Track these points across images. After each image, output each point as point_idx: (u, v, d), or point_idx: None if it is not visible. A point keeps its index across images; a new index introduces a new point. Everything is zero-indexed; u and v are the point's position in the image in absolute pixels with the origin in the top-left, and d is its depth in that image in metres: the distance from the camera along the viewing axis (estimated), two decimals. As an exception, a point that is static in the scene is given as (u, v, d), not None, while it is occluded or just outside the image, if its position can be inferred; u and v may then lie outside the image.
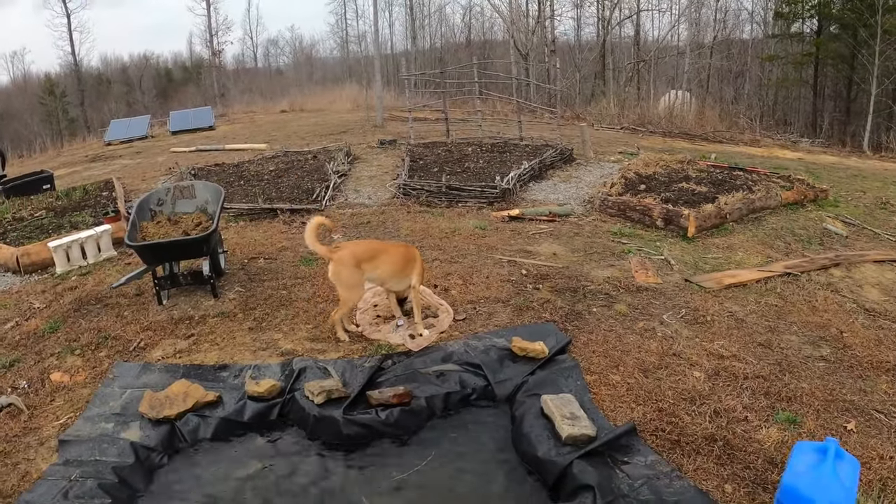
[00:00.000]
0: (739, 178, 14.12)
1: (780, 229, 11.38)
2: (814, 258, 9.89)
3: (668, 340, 7.21)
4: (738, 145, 24.71)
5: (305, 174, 15.21)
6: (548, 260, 9.70)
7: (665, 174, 14.33)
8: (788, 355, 7.05)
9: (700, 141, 25.03)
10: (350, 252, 7.21)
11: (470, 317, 7.84)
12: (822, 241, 11.18)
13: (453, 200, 12.91)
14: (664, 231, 11.12)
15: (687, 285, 8.76)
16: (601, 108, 32.85)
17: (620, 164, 16.34)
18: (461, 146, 18.04)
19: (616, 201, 12.04)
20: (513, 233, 11.03)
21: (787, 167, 18.05)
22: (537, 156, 15.73)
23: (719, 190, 12.70)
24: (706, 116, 30.33)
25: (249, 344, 7.49)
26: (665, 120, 29.10)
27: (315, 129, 24.29)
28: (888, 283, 9.50)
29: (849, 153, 25.92)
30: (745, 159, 19.28)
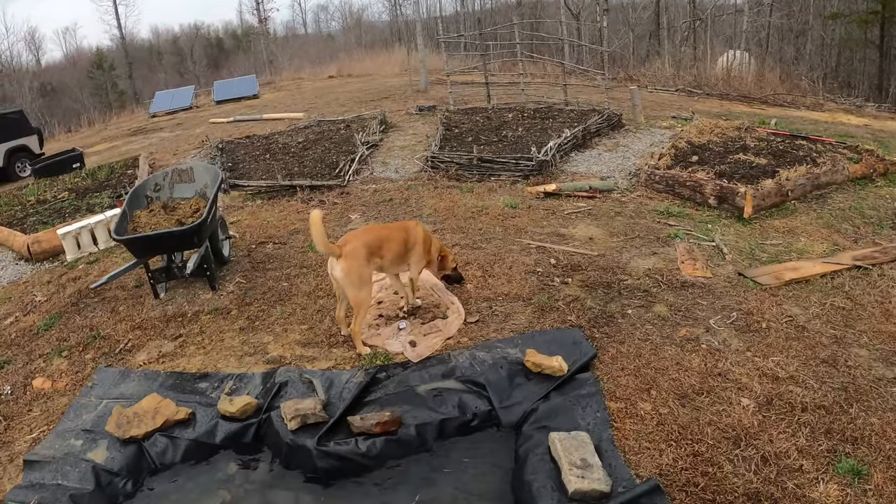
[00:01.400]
0: (802, 147, 12.44)
1: (847, 209, 9.78)
2: (887, 247, 8.33)
3: (714, 355, 5.84)
4: (800, 109, 22.73)
5: (333, 146, 13.97)
6: (582, 246, 8.32)
7: (720, 143, 12.73)
8: (856, 377, 5.64)
9: (759, 104, 23.08)
10: (362, 244, 6.01)
11: (484, 318, 6.57)
12: (894, 222, 9.61)
13: (485, 174, 11.51)
14: (717, 211, 9.61)
15: (740, 280, 7.31)
16: (655, 70, 30.81)
17: (673, 131, 14.72)
18: (502, 112, 16.53)
19: (664, 175, 10.52)
20: (546, 212, 9.65)
21: (852, 135, 16.22)
22: (582, 122, 14.17)
23: (780, 162, 11.10)
24: (765, 78, 28.15)
25: (237, 348, 6.45)
26: (722, 82, 27.06)
27: (358, 96, 22.97)
28: (972, 279, 7.96)
29: (919, 119, 23.70)
30: (807, 125, 17.45)
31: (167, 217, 7.63)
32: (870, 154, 12.15)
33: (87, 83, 63.17)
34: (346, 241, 5.99)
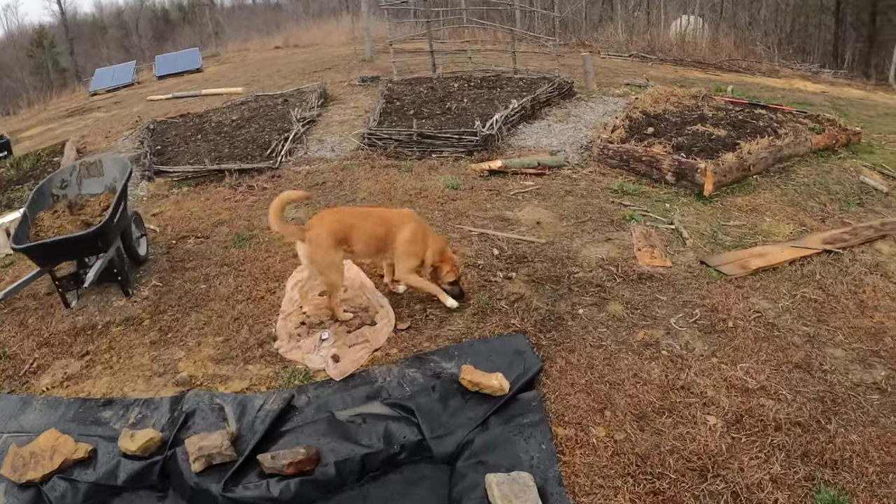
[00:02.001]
0: (762, 117, 11.78)
1: (812, 184, 9.16)
2: (856, 228, 7.72)
3: (676, 363, 5.14)
4: (756, 75, 22.20)
5: (268, 123, 12.89)
6: (529, 232, 7.55)
7: (677, 112, 12.03)
8: (833, 384, 5.00)
9: (714, 70, 22.48)
10: (326, 232, 5.47)
11: (416, 324, 5.78)
12: (862, 199, 8.98)
13: (426, 151, 10.60)
14: (675, 188, 8.91)
15: (703, 270, 6.62)
16: (608, 35, 29.95)
17: (627, 99, 13.98)
18: (447, 82, 15.57)
19: (618, 150, 9.76)
20: (491, 192, 8.84)
21: (811, 103, 15.69)
22: (531, 92, 13.34)
23: (740, 133, 10.43)
24: (720, 44, 27.53)
25: (146, 366, 5.61)
26: (676, 47, 26.38)
27: (302, 67, 21.73)
28: (947, 262, 7.37)
29: (874, 86, 23.29)
30: (764, 93, 16.88)
31: (72, 218, 6.68)
32: (831, 124, 11.59)
33: (28, 62, 60.29)
34: (311, 226, 5.57)
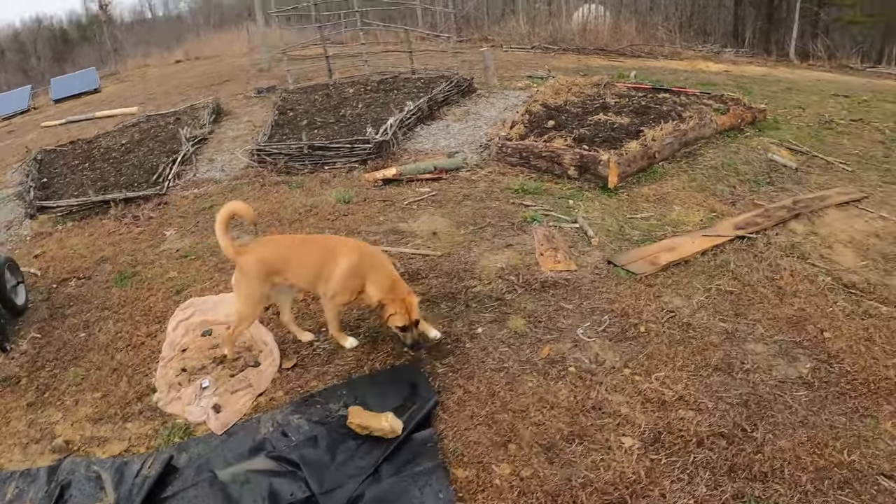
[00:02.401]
0: (666, 101, 11.63)
1: (720, 167, 8.98)
2: (768, 209, 7.52)
3: (586, 379, 4.76)
4: (659, 59, 22.36)
5: (158, 145, 12.10)
6: (424, 244, 7.09)
7: (578, 103, 11.76)
8: (757, 384, 4.71)
9: (617, 57, 22.54)
10: (257, 259, 5.00)
11: (303, 360, 5.26)
12: (772, 177, 8.85)
13: (318, 163, 10.06)
14: (579, 182, 8.59)
15: (611, 270, 6.28)
16: (510, 29, 29.93)
17: (529, 92, 13.71)
18: (343, 88, 15.05)
19: (517, 147, 9.39)
20: (385, 203, 8.35)
21: (715, 83, 15.72)
22: (428, 92, 12.90)
23: (644, 120, 10.20)
24: (622, 30, 27.78)
25: (23, 432, 4.95)
26: (578, 36, 26.48)
27: (200, 80, 20.81)
28: (860, 238, 7.23)
29: (775, 62, 23.75)
30: (667, 76, 16.87)
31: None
32: (736, 103, 11.52)
33: (-87, 95, 56.97)
34: (246, 250, 5.10)
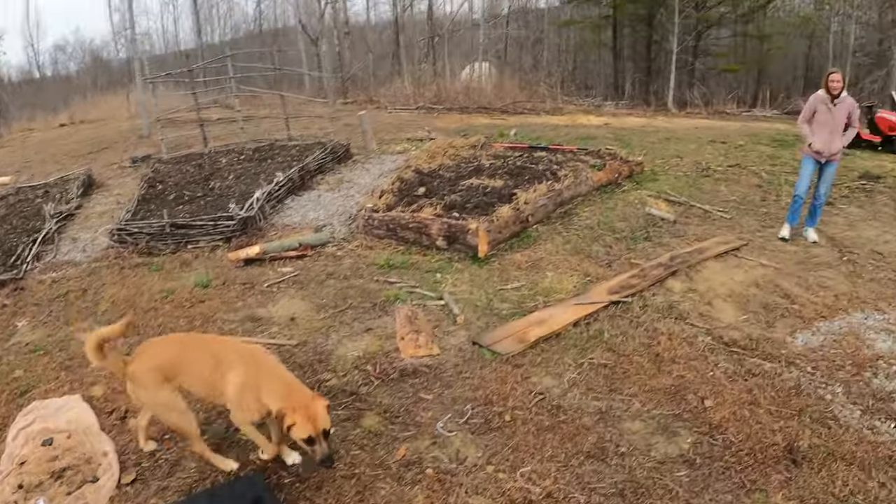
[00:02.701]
0: (542, 160, 11.51)
1: (596, 226, 8.80)
2: (645, 268, 7.30)
3: (444, 482, 4.27)
4: (541, 115, 22.56)
5: (22, 221, 11.16)
6: (281, 332, 6.54)
7: (453, 166, 11.53)
8: (634, 469, 4.32)
9: (500, 114, 22.67)
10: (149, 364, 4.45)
11: (143, 473, 4.60)
12: (649, 233, 8.71)
13: (181, 242, 9.45)
14: (448, 253, 8.23)
15: (476, 352, 5.86)
16: (395, 90, 30.06)
17: (407, 156, 13.44)
18: (217, 157, 14.49)
19: (384, 219, 9.00)
20: (244, 287, 7.78)
21: (594, 137, 15.82)
22: (303, 159, 12.45)
23: (518, 182, 10.01)
24: (505, 88, 28.14)
25: None
26: (462, 95, 26.63)
27: (80, 147, 19.68)
28: (741, 290, 7.08)
29: (654, 113, 24.32)
30: (548, 132, 16.93)
31: None
32: (613, 157, 11.49)
33: None
34: (133, 359, 4.55)
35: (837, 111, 8.50)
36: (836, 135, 8.58)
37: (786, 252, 8.45)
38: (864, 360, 5.77)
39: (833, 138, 8.59)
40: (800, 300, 6.93)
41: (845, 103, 8.52)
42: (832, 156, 8.72)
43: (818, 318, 6.58)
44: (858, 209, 10.79)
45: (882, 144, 16.97)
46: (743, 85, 34.89)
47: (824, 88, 8.61)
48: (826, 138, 8.60)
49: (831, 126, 8.55)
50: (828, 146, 8.61)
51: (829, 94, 8.50)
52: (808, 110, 8.80)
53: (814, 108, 8.69)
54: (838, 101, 8.48)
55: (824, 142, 8.61)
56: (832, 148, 8.64)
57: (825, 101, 8.56)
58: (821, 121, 8.61)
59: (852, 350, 5.96)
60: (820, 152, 8.68)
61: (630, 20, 35.73)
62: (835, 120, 8.52)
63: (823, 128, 8.60)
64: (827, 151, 8.65)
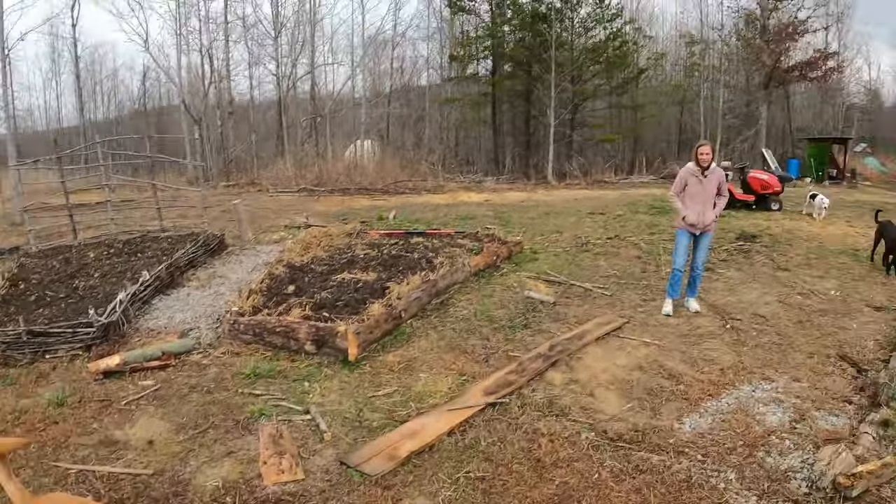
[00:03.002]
0: (418, 247, 11.29)
1: (473, 316, 8.53)
2: (523, 361, 7.02)
3: None
4: (422, 194, 22.55)
5: None
6: (136, 459, 5.89)
7: (326, 258, 11.15)
8: None
9: (381, 195, 22.54)
10: None
11: None
12: (528, 319, 8.49)
13: (38, 351, 8.60)
14: (318, 357, 7.74)
15: (344, 474, 5.38)
16: (277, 171, 29.65)
17: (283, 245, 12.99)
18: (86, 250, 13.57)
19: (249, 323, 8.48)
20: (102, 405, 7.05)
21: (473, 216, 15.77)
22: (173, 254, 11.78)
23: (392, 273, 9.71)
24: (387, 167, 28.15)
25: None
26: (344, 177, 26.44)
27: None
28: (624, 375, 6.89)
29: (535, 186, 24.69)
30: (428, 213, 16.82)
31: None
32: (491, 239, 11.37)
33: None
34: None
35: (708, 183, 8.67)
36: (708, 206, 8.74)
37: (668, 326, 8.41)
38: (756, 439, 5.64)
39: (706, 210, 8.74)
40: (685, 379, 6.78)
41: (715, 174, 8.71)
42: (706, 227, 8.85)
43: (705, 397, 6.43)
44: (738, 272, 10.94)
45: (756, 203, 17.59)
46: (620, 153, 36.11)
47: (694, 161, 8.74)
48: (699, 210, 8.74)
49: (703, 198, 8.70)
50: (701, 218, 8.75)
51: (700, 166, 8.66)
52: (679, 183, 8.93)
53: (685, 180, 8.83)
54: (708, 172, 8.66)
55: (697, 214, 8.74)
56: (705, 220, 8.78)
57: (696, 174, 8.71)
58: (692, 193, 8.75)
59: (742, 429, 5.82)
60: (694, 225, 8.79)
61: (508, 96, 36.70)
62: (706, 191, 8.68)
63: (695, 200, 8.74)
64: (701, 223, 8.79)
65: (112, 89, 55.16)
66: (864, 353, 7.76)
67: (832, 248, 12.95)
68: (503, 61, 36.94)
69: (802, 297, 9.77)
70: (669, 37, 43.38)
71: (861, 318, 9.00)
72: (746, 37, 34.77)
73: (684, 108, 39.35)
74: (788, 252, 12.37)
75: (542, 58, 32.12)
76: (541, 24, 32.99)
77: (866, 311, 9.34)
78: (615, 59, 34.70)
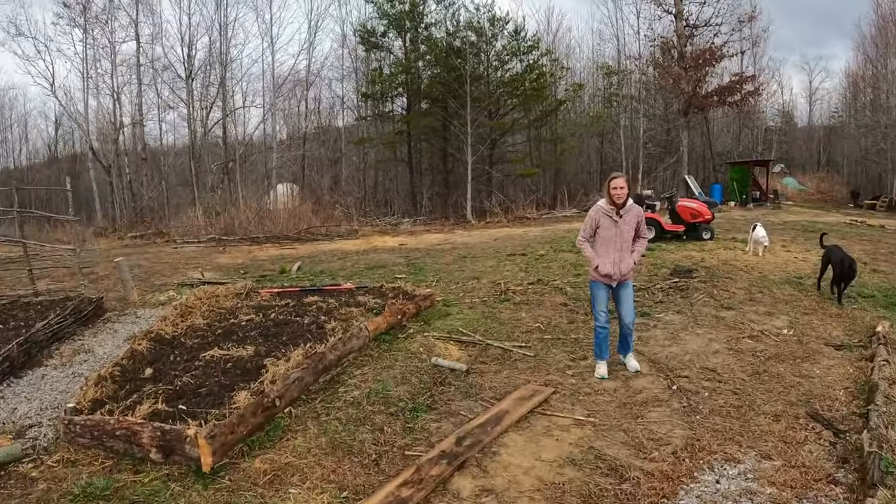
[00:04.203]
0: (311, 308, 9.65)
1: (365, 399, 6.87)
2: (422, 466, 5.41)
3: None
4: (334, 240, 21.06)
5: None
6: None
7: (203, 328, 9.40)
8: None
9: (291, 244, 20.94)
10: None
11: None
12: (435, 396, 6.91)
13: None
14: (167, 467, 5.98)
15: None
16: (186, 220, 27.80)
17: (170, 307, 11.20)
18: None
19: (86, 425, 6.67)
20: None
21: (384, 264, 14.26)
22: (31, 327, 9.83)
23: (274, 346, 8.05)
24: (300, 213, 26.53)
25: None
26: (255, 224, 24.75)
27: None
28: (551, 474, 5.34)
29: (453, 226, 23.35)
30: (335, 262, 15.29)
31: None
32: (397, 294, 9.84)
33: None
34: None
35: (624, 224, 7.22)
36: (625, 252, 7.28)
37: (604, 393, 6.91)
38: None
39: (622, 256, 7.27)
40: (631, 473, 5.26)
41: (632, 213, 7.25)
42: (624, 276, 7.38)
43: (658, 500, 4.90)
44: (677, 315, 9.64)
45: (686, 233, 16.41)
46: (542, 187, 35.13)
47: (607, 197, 7.25)
48: (614, 258, 7.27)
49: (619, 242, 7.24)
50: (617, 267, 7.28)
51: (614, 203, 7.18)
52: (588, 226, 7.41)
53: (596, 222, 7.33)
54: (624, 211, 7.20)
55: (613, 262, 7.27)
56: (623, 268, 7.30)
57: (609, 213, 7.23)
58: (606, 238, 7.27)
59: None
60: (610, 276, 7.32)
61: (424, 134, 35.55)
62: (622, 235, 7.23)
63: (610, 246, 7.27)
64: (617, 274, 7.31)
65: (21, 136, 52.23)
66: (835, 406, 6.49)
67: (774, 279, 11.78)
68: (419, 98, 35.77)
69: (753, 341, 8.49)
70: (587, 68, 43.15)
71: (822, 360, 7.77)
72: (664, 65, 34.41)
73: (604, 138, 38.87)
74: (729, 286, 11.13)
75: (458, 93, 30.97)
76: (455, 59, 31.95)
77: (826, 351, 8.13)
78: (532, 91, 33.95)
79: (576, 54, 44.35)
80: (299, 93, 41.28)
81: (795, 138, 50.71)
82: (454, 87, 31.28)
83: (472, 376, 7.33)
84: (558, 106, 36.80)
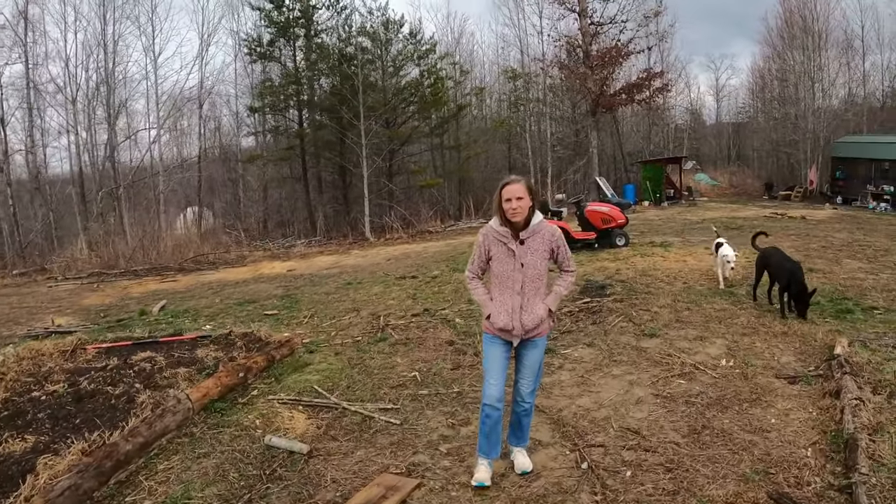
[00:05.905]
0: (130, 372, 7.61)
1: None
2: None
3: None
4: (219, 269, 19.11)
5: None
6: None
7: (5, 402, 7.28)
8: None
9: (174, 275, 18.79)
10: None
11: None
12: (255, 499, 4.92)
13: None
14: None
15: None
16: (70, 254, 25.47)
17: None
18: None
19: None
20: None
21: (256, 298, 12.32)
22: None
23: (63, 432, 6.04)
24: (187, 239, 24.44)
25: None
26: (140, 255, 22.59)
27: None
28: None
29: (350, 245, 21.48)
30: (205, 298, 13.33)
31: None
32: (247, 343, 7.92)
33: None
34: None
35: (528, 253, 4.70)
36: (531, 295, 4.74)
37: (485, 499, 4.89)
38: None
39: (527, 302, 4.74)
40: None
41: (541, 235, 4.74)
42: (531, 333, 4.81)
43: None
44: (588, 349, 7.92)
45: (598, 241, 14.82)
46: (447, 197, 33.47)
47: (497, 214, 4.74)
48: (512, 304, 4.74)
49: (520, 281, 4.71)
50: (518, 318, 4.73)
51: (508, 223, 4.71)
52: (477, 256, 4.89)
53: (487, 251, 4.82)
54: (527, 233, 4.70)
55: (511, 311, 4.74)
56: (527, 320, 4.74)
57: (502, 239, 4.72)
58: (501, 274, 4.76)
59: None
60: (507, 330, 4.79)
61: (318, 148, 33.19)
62: (526, 270, 4.70)
63: (506, 286, 4.75)
64: (519, 329, 4.75)
65: None
66: (804, 475, 4.69)
67: (702, 290, 10.20)
68: (312, 110, 33.65)
69: (686, 381, 6.70)
70: (491, 72, 41.83)
71: (777, 402, 6.05)
72: (570, 65, 33.22)
73: (511, 143, 37.56)
74: (650, 304, 9.44)
75: (352, 103, 29.01)
76: (349, 66, 30.02)
77: (778, 387, 6.42)
78: (431, 97, 32.20)
79: (478, 58, 43.14)
80: (192, 111, 38.81)
81: (705, 135, 51.26)
82: (348, 96, 29.37)
83: (313, 461, 5.37)
84: (459, 111, 35.23)
